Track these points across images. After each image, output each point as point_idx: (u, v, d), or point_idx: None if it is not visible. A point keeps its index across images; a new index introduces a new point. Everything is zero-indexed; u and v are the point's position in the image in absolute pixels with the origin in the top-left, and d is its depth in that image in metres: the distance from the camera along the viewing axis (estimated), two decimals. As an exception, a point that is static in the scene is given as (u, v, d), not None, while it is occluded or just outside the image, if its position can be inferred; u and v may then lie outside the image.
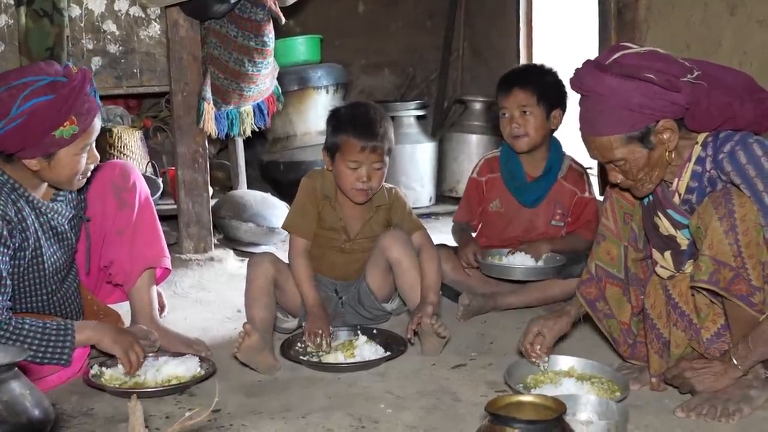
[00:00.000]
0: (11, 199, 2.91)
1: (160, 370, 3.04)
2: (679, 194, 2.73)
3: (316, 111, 5.76)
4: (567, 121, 3.90)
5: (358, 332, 3.41)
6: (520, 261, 3.82)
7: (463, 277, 3.91)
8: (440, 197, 6.33)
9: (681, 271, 2.81)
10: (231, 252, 4.82)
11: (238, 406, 2.87)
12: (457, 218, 4.14)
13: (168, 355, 3.20)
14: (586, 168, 4.01)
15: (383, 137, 3.42)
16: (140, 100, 5.99)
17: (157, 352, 3.23)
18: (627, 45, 2.66)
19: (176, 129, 4.67)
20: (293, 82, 5.81)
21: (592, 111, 2.64)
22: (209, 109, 4.55)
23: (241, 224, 4.98)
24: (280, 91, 4.94)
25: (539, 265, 3.82)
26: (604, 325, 3.03)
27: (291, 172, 5.72)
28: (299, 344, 3.37)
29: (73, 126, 2.84)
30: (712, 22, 3.72)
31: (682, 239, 2.77)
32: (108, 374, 3.06)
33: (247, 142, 5.66)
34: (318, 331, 3.32)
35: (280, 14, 4.55)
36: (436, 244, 3.66)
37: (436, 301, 3.39)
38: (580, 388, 2.81)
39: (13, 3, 4.35)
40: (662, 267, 2.84)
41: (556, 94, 3.84)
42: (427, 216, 5.98)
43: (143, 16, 4.62)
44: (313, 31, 6.34)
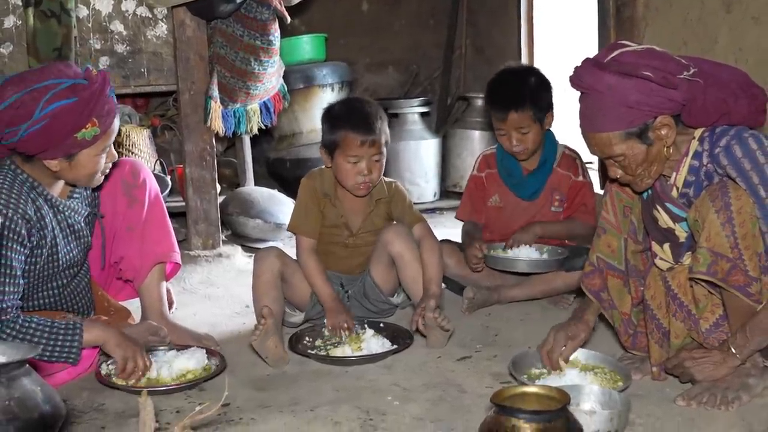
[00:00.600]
0: (31, 198, 2.94)
1: (172, 365, 3.06)
2: (677, 188, 2.76)
3: (321, 109, 5.68)
4: (564, 115, 3.93)
5: (365, 326, 3.44)
6: (525, 254, 3.84)
7: (467, 271, 3.93)
8: (444, 192, 6.37)
9: (679, 263, 2.83)
10: (239, 248, 4.84)
11: (247, 400, 2.88)
12: (462, 216, 4.15)
13: (174, 349, 3.22)
14: (578, 152, 4.02)
15: (381, 130, 3.45)
16: (148, 99, 6.00)
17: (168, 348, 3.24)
18: (625, 43, 2.69)
19: (184, 127, 4.69)
20: (299, 81, 5.83)
21: (591, 108, 2.66)
22: (216, 107, 4.56)
23: (248, 221, 5.01)
24: (286, 89, 4.95)
25: (543, 257, 3.84)
26: (609, 315, 3.06)
27: (297, 169, 5.73)
28: (307, 338, 3.41)
29: (94, 128, 2.87)
30: (709, 20, 3.74)
31: (681, 232, 2.80)
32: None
33: (254, 140, 5.67)
34: (343, 324, 3.37)
35: (286, 13, 4.56)
36: (440, 240, 3.69)
37: (438, 294, 3.42)
38: (583, 379, 2.84)
39: (21, 4, 4.36)
40: (661, 259, 2.87)
41: (546, 100, 3.85)
42: (432, 211, 6.01)
43: (150, 16, 4.64)
44: (318, 29, 6.35)
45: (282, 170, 6.07)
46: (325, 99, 5.83)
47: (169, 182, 5.26)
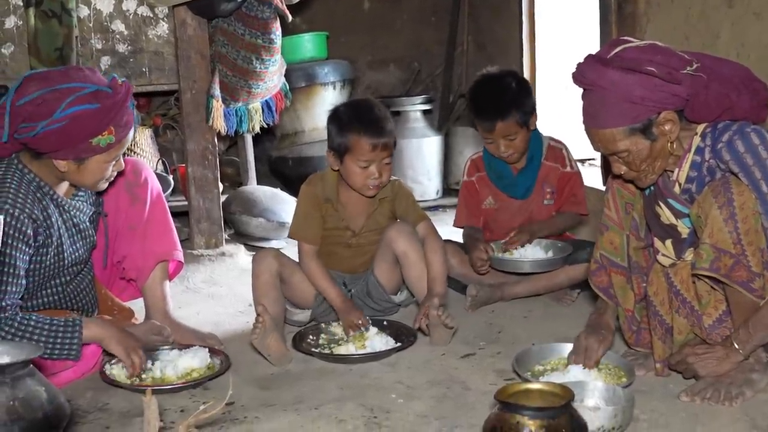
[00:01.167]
0: (37, 197, 2.95)
1: (176, 364, 3.07)
2: (680, 184, 2.76)
3: (323, 107, 5.76)
4: (564, 115, 3.91)
5: (369, 324, 3.43)
6: (531, 254, 3.85)
7: (470, 271, 3.91)
8: (447, 190, 6.36)
9: (682, 259, 2.83)
10: (242, 247, 4.85)
11: (252, 399, 2.89)
12: (459, 224, 4.12)
13: (177, 347, 3.22)
14: (564, 143, 4.02)
15: (390, 132, 3.45)
16: (149, 98, 6.00)
17: (171, 347, 3.25)
18: (627, 39, 2.69)
19: (186, 126, 4.70)
20: (300, 79, 5.82)
21: (594, 104, 2.66)
22: (218, 106, 4.57)
23: (251, 219, 5.01)
24: (288, 87, 4.95)
25: (548, 256, 3.85)
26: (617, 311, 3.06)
27: (300, 168, 5.75)
28: (311, 336, 3.41)
29: (110, 136, 2.89)
30: (711, 15, 3.73)
31: (683, 228, 2.80)
32: (124, 371, 3.06)
33: (256, 139, 5.68)
34: (357, 323, 3.38)
35: (287, 12, 4.55)
36: (443, 240, 3.68)
37: (442, 292, 3.43)
38: (587, 375, 2.84)
39: (21, 4, 4.38)
40: (664, 255, 2.87)
41: (529, 104, 3.82)
42: (435, 208, 6.01)
43: (151, 15, 4.65)
44: (319, 28, 6.34)
45: (284, 169, 6.07)
46: (327, 97, 5.85)
47: (172, 181, 5.27)
